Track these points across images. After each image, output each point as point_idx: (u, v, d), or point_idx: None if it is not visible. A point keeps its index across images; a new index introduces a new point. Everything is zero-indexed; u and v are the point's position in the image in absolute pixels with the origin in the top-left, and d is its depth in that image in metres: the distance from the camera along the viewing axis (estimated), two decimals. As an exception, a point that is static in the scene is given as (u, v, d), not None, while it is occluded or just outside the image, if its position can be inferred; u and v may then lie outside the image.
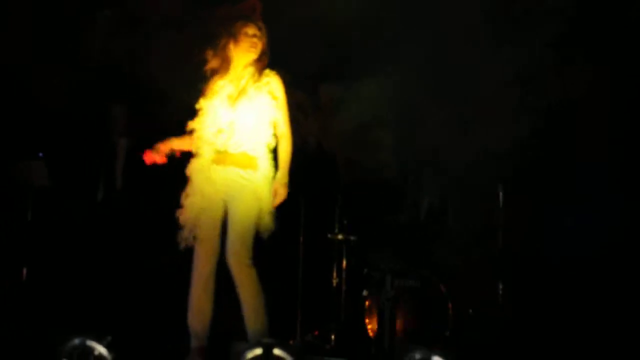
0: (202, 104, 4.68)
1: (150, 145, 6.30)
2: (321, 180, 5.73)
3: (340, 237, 6.13)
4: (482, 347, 5.87)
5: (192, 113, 7.12)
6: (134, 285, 6.37)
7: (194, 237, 4.57)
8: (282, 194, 4.59)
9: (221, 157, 4.56)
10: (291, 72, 5.03)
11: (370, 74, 7.04)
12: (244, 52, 4.66)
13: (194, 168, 4.62)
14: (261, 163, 4.58)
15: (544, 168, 6.45)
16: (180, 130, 6.61)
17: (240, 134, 4.55)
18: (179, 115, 7.47)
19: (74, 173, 6.53)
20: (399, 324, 5.66)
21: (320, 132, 6.30)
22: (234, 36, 4.65)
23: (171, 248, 6.44)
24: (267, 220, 4.55)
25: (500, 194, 6.11)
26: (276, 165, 4.61)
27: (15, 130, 7.19)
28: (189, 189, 4.61)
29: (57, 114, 7.64)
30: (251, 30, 4.67)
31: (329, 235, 6.13)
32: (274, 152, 4.66)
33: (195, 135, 4.64)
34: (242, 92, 4.60)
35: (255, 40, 4.67)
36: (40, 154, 6.42)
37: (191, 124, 4.66)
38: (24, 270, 6.31)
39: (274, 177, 4.59)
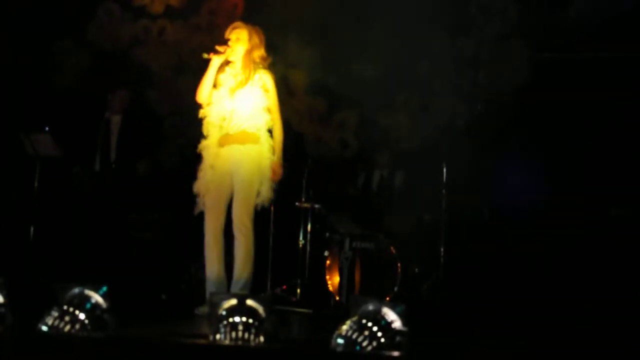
0: (210, 94, 4.82)
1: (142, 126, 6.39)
2: (290, 155, 5.80)
3: (306, 205, 6.23)
4: (425, 301, 6.07)
5: (177, 95, 7.18)
6: (129, 242, 6.43)
7: (204, 204, 4.74)
8: (278, 173, 4.79)
9: (224, 138, 4.75)
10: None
11: (336, 61, 7.09)
12: (232, 54, 4.79)
13: (203, 147, 4.82)
14: (259, 138, 4.76)
15: (484, 144, 6.56)
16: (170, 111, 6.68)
17: (238, 118, 4.74)
18: (168, 98, 7.57)
19: (75, 145, 6.54)
20: (355, 280, 5.78)
21: (291, 113, 6.34)
22: (228, 40, 4.79)
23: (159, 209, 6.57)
24: (266, 189, 4.74)
25: (444, 169, 6.19)
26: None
27: (25, 106, 7.19)
28: (201, 165, 4.80)
29: (62, 94, 7.65)
30: (234, 35, 4.80)
31: (297, 204, 6.24)
32: (270, 131, 4.83)
33: (204, 120, 4.82)
34: (239, 85, 4.77)
35: (239, 44, 4.78)
36: (46, 128, 6.42)
37: (202, 112, 4.82)
38: (31, 229, 6.36)
39: (271, 151, 4.77)
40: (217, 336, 2.84)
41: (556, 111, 6.66)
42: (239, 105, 4.75)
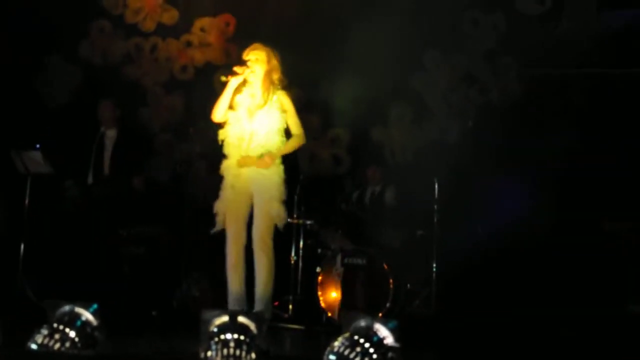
0: (228, 115, 4.86)
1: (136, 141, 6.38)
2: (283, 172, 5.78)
3: (298, 221, 6.20)
4: (417, 317, 6.05)
5: (169, 111, 7.15)
6: (120, 258, 6.35)
7: (225, 223, 4.78)
8: (268, 163, 4.76)
9: (244, 160, 4.77)
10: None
11: (330, 76, 7.12)
12: (251, 74, 4.84)
13: (225, 167, 4.84)
14: (275, 161, 4.81)
15: (476, 161, 6.57)
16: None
17: (258, 139, 4.77)
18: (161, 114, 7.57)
19: (67, 159, 6.51)
20: (347, 297, 5.74)
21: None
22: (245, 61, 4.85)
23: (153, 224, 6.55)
24: (277, 208, 4.76)
25: (436, 185, 6.17)
26: (284, 162, 4.85)
27: (16, 124, 7.16)
28: (222, 184, 4.83)
29: (54, 109, 7.64)
30: (253, 56, 4.86)
31: (289, 220, 6.18)
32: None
33: (225, 142, 4.84)
34: (258, 106, 4.81)
35: (258, 64, 4.83)
36: (37, 146, 6.38)
37: (221, 133, 4.84)
38: (22, 247, 6.29)
39: (284, 175, 4.81)
40: (209, 353, 2.82)
41: (545, 125, 6.70)
42: (258, 127, 4.79)
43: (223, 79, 4.79)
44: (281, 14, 7.58)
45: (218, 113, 4.85)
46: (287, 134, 4.84)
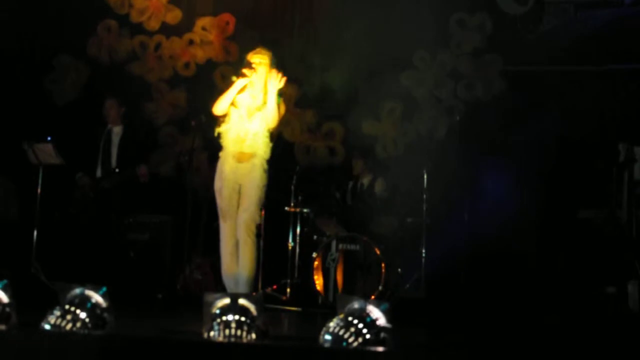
0: (232, 112, 4.97)
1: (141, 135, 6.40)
2: (281, 163, 5.79)
3: (295, 209, 6.20)
4: (408, 299, 6.05)
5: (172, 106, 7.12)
6: (127, 244, 6.38)
7: (218, 204, 5.02)
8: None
9: (240, 156, 4.96)
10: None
11: (325, 72, 7.11)
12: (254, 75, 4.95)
13: (222, 157, 5.03)
14: (260, 159, 5.01)
15: (462, 153, 6.57)
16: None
17: (253, 138, 4.96)
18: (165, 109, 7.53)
19: (77, 153, 6.50)
20: (341, 280, 5.77)
21: (283, 125, 6.35)
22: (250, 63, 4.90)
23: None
24: (253, 208, 5.00)
25: (425, 176, 6.20)
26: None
27: (29, 117, 7.14)
28: (217, 172, 5.05)
29: (64, 105, 7.61)
30: (257, 59, 4.88)
31: (286, 208, 6.21)
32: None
33: (223, 135, 5.01)
34: (257, 108, 4.97)
35: (261, 67, 4.93)
36: (49, 138, 6.38)
37: (221, 130, 5.02)
38: (35, 233, 6.29)
39: (267, 165, 5.01)
40: (211, 333, 2.83)
41: (527, 120, 6.70)
42: (254, 126, 4.95)
43: (234, 79, 4.85)
44: (277, 12, 7.59)
45: (219, 107, 4.91)
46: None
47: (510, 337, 4.40)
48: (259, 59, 4.92)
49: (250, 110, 4.94)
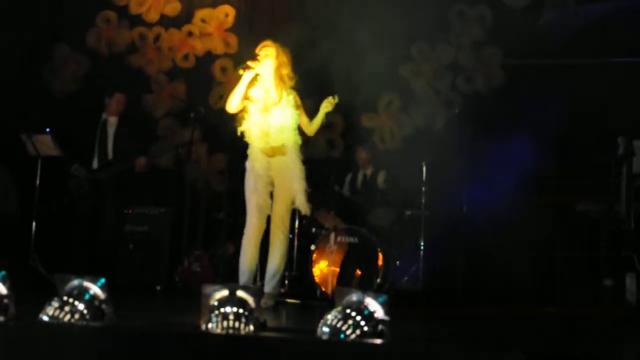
0: (249, 107, 4.94)
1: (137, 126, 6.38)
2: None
3: (294, 202, 6.21)
4: (405, 292, 6.07)
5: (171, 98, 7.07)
6: (126, 236, 6.40)
7: (252, 201, 4.94)
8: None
9: (268, 150, 4.93)
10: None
11: (324, 65, 7.08)
12: (261, 68, 4.89)
13: (249, 154, 4.99)
14: (293, 152, 4.97)
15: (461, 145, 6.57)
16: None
17: (276, 132, 4.91)
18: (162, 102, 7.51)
19: (74, 145, 6.48)
20: (339, 272, 5.77)
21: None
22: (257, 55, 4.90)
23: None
24: (301, 199, 4.95)
25: (424, 168, 6.20)
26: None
27: (28, 109, 7.11)
28: (247, 170, 4.98)
29: (62, 96, 7.59)
30: (263, 51, 4.87)
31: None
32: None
33: (246, 132, 4.95)
34: (274, 103, 4.92)
35: (267, 59, 4.89)
36: (48, 129, 6.37)
37: (240, 128, 4.96)
38: (33, 225, 6.30)
39: (301, 161, 4.99)
40: (209, 325, 2.83)
41: (526, 113, 6.70)
42: (275, 121, 4.91)
43: (240, 71, 4.82)
44: (275, 5, 7.56)
45: (233, 104, 4.89)
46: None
47: (507, 329, 4.41)
48: (265, 52, 4.90)
49: (266, 105, 4.91)
